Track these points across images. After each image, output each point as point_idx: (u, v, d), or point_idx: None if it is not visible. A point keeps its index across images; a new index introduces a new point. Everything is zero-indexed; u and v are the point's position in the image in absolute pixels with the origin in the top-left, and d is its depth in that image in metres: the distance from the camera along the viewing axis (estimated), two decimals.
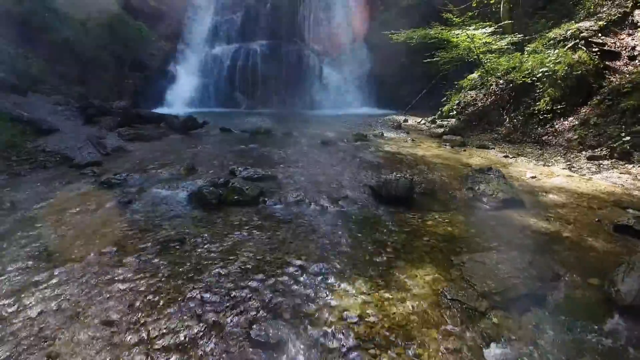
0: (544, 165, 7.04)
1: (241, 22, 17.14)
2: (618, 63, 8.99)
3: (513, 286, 2.96)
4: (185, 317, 2.54)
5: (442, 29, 10.33)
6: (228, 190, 4.81)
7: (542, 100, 8.81)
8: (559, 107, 8.53)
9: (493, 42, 10.04)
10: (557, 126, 8.31)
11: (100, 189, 5.20)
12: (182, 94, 15.90)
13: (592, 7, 11.35)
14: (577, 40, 9.53)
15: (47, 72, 11.84)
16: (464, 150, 8.13)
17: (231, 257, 3.35)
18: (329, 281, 3.03)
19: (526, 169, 6.67)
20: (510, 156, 7.56)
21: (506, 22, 11.36)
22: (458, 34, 9.95)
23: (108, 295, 2.77)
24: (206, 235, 3.81)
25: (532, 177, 6.15)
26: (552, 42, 10.32)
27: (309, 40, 17.42)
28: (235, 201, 4.67)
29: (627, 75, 8.22)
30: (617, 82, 8.08)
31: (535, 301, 2.81)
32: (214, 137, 9.07)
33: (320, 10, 17.43)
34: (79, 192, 5.03)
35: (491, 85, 11.22)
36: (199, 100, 16.03)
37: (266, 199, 4.80)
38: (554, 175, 6.33)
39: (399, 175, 5.86)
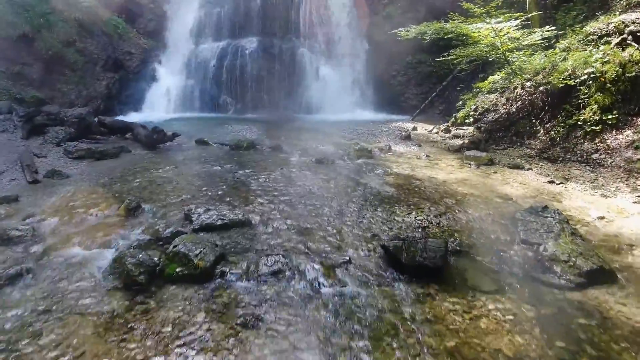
0: (603, 195, 5.39)
1: (229, 16, 15.43)
2: None
3: None
4: None
5: (460, 22, 8.66)
6: (168, 256, 3.16)
7: (587, 108, 7.16)
8: (609, 116, 6.88)
9: (521, 37, 8.38)
10: (609, 141, 6.66)
11: None
12: (163, 97, 14.22)
13: None
14: (625, 35, 7.88)
15: None
16: (495, 172, 6.48)
17: None
18: None
19: (586, 203, 5.03)
20: (557, 181, 5.92)
21: (534, 13, 9.71)
22: (480, 28, 8.28)
23: None
24: None
25: (600, 218, 4.51)
26: (590, 37, 8.68)
27: (305, 36, 15.74)
28: (177, 276, 3.02)
29: None
30: None
31: None
32: (184, 153, 7.42)
33: (317, 4, 15.73)
34: None
35: (516, 88, 9.57)
36: (182, 104, 14.34)
37: (226, 269, 3.16)
38: (627, 214, 4.69)
39: (419, 217, 4.25)
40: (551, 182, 5.92)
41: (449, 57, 9.93)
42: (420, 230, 4.02)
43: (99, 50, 13.30)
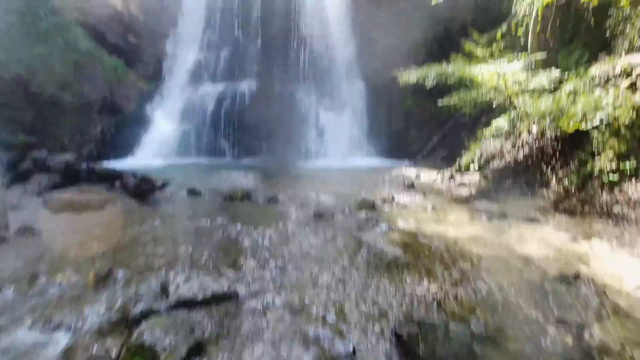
0: (634, 256, 4.83)
1: (228, 59, 15.47)
2: None
3: None
4: None
5: (463, 65, 8.46)
6: (130, 349, 2.57)
7: (602, 156, 6.75)
8: (627, 164, 6.45)
9: (526, 80, 8.13)
10: (630, 192, 6.18)
11: None
12: (159, 141, 13.94)
13: (635, 39, 9.61)
14: (634, 79, 7.63)
15: None
16: (509, 227, 5.94)
17: None
18: None
19: (618, 267, 4.46)
20: (580, 239, 5.37)
21: (537, 55, 9.56)
22: (483, 71, 8.06)
23: None
24: None
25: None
26: (596, 80, 8.45)
27: (305, 81, 15.72)
28: None
29: None
30: None
31: None
32: (173, 205, 6.92)
33: (317, 48, 15.84)
34: None
35: (521, 132, 9.24)
36: (178, 148, 14.04)
37: None
38: None
39: (433, 288, 3.70)
40: (573, 239, 5.37)
41: (451, 102, 9.67)
42: (435, 305, 3.43)
43: (96, 94, 13.15)
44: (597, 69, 8.73)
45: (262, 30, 15.78)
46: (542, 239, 5.41)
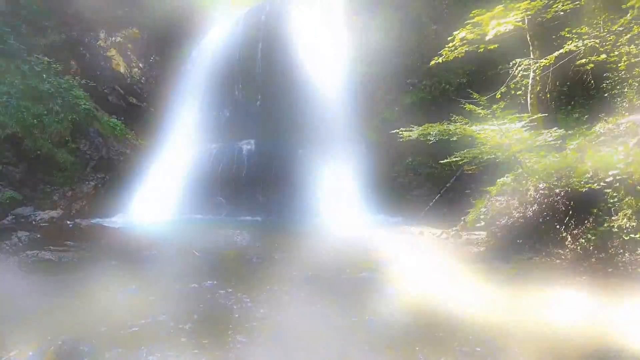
0: None
1: (228, 119, 15.54)
2: None
3: None
4: None
5: (465, 123, 8.30)
6: None
7: (620, 213, 6.34)
8: None
9: (530, 137, 7.93)
10: None
11: None
12: (154, 198, 13.55)
13: (634, 98, 9.63)
14: None
15: None
16: (528, 292, 5.39)
17: None
18: None
19: None
20: (613, 307, 4.80)
21: (537, 115, 9.49)
22: (485, 129, 7.88)
23: None
24: None
25: None
26: (602, 138, 8.29)
27: (305, 139, 15.65)
28: None
29: None
30: None
31: None
32: (160, 265, 6.39)
33: (316, 107, 15.97)
34: None
35: (528, 190, 8.91)
36: (174, 205, 13.60)
37: None
38: None
39: None
40: (603, 305, 4.81)
41: (453, 159, 9.43)
42: None
43: (92, 151, 12.98)
44: (601, 128, 8.63)
45: (262, 89, 16.03)
46: (572, 307, 4.84)
